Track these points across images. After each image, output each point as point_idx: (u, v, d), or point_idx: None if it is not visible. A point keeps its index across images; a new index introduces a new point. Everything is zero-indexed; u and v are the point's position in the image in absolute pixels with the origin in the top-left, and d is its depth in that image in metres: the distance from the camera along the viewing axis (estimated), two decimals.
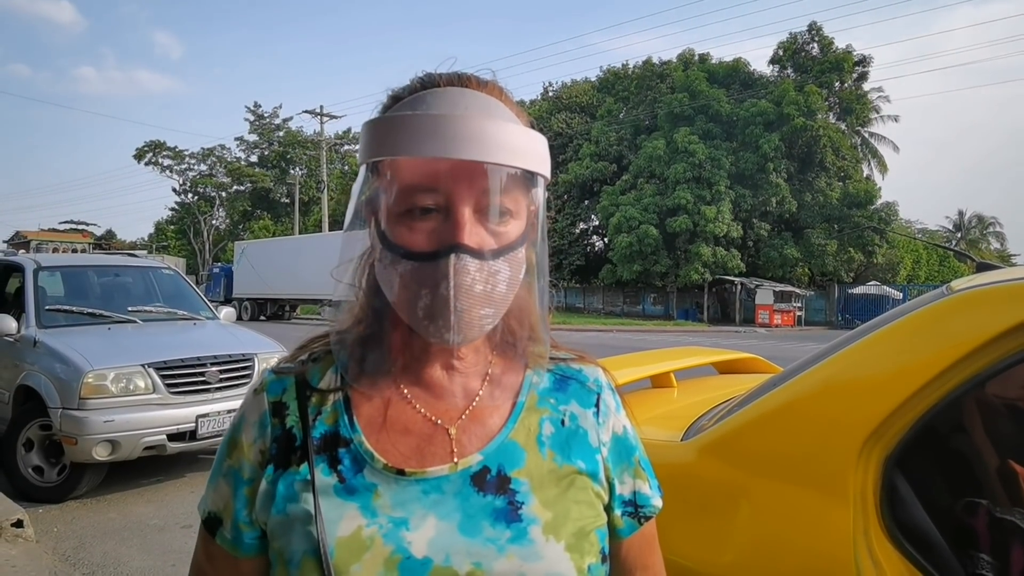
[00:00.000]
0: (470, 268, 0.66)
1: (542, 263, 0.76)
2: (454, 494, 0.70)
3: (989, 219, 50.99)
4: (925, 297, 1.35)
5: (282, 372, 0.78)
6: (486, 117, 0.67)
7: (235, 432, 0.77)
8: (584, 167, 36.00)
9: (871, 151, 36.59)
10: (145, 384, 4.99)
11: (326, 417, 0.74)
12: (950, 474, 1.30)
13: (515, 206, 0.70)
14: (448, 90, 0.71)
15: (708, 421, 1.55)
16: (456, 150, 0.64)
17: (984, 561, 1.11)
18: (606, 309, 38.09)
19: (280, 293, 27.23)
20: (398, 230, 0.69)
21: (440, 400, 0.75)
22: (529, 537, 0.69)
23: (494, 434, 0.74)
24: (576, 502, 0.73)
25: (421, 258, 0.67)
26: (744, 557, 1.26)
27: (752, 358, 2.65)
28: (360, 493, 0.70)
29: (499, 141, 0.66)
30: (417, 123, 0.66)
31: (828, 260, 31.58)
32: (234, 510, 0.75)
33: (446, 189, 0.67)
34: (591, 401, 0.81)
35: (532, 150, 0.69)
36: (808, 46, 34.70)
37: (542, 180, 0.73)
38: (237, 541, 0.75)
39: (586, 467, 0.76)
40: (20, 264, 6.16)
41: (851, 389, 1.27)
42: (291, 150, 47.88)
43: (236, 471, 0.75)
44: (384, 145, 0.68)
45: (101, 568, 3.85)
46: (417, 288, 0.67)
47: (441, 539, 0.68)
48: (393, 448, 0.72)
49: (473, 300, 0.67)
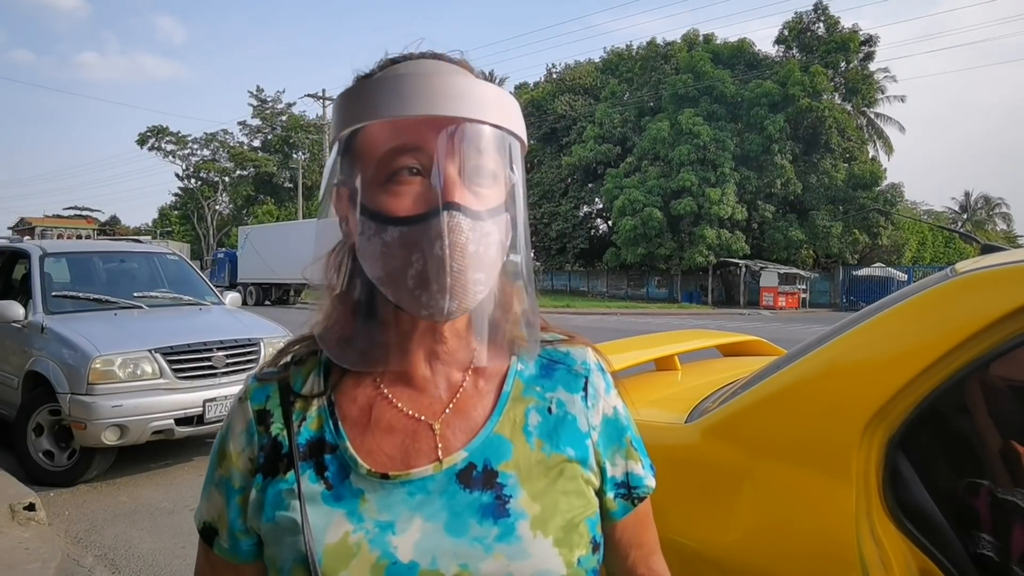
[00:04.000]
0: (463, 226, 0.64)
1: (524, 237, 0.73)
2: (440, 493, 0.69)
3: (996, 200, 50.69)
4: (930, 279, 1.35)
5: (265, 379, 0.77)
6: (461, 75, 0.67)
7: (223, 442, 0.76)
8: (588, 149, 35.82)
9: (877, 132, 36.32)
10: (152, 369, 5.02)
11: (311, 423, 0.73)
12: (952, 455, 1.31)
13: (496, 168, 0.69)
14: (422, 61, 0.71)
15: (712, 403, 1.55)
16: (434, 106, 0.63)
17: (985, 541, 1.12)
18: (610, 292, 38.06)
19: (284, 278, 27.22)
20: (381, 198, 0.66)
21: (423, 394, 0.74)
22: (516, 534, 0.68)
23: (479, 427, 0.73)
24: (565, 493, 0.72)
25: (411, 221, 0.65)
26: (748, 537, 1.27)
27: (756, 340, 2.65)
28: (347, 499, 0.69)
29: (477, 97, 0.65)
30: (397, 84, 0.65)
31: (833, 242, 31.45)
32: (229, 520, 0.75)
33: (430, 148, 0.65)
34: (579, 385, 0.78)
35: (509, 109, 0.68)
36: (814, 26, 34.32)
37: (519, 147, 0.71)
38: (235, 549, 0.75)
39: (576, 454, 0.74)
40: (26, 251, 6.17)
41: (855, 371, 1.27)
42: (294, 134, 47.73)
43: (227, 480, 0.75)
44: (363, 110, 0.66)
45: (112, 550, 3.90)
46: (407, 255, 0.65)
47: (427, 541, 0.67)
48: (378, 449, 0.71)
49: (468, 261, 0.64)
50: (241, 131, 51.42)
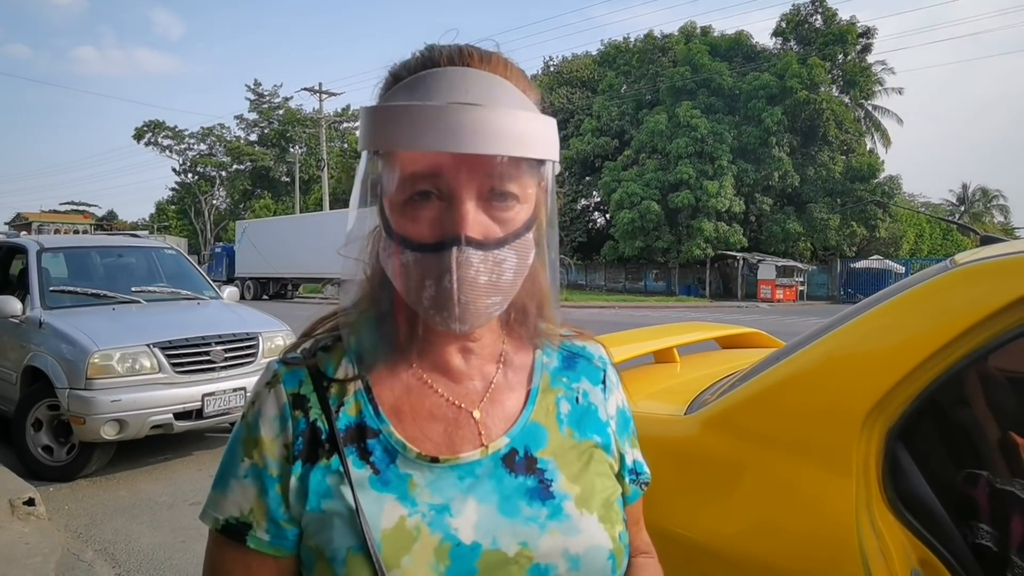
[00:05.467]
0: (473, 260, 0.64)
1: (552, 242, 0.74)
2: (488, 477, 0.71)
3: (993, 192, 50.61)
4: (929, 270, 1.35)
5: (293, 363, 0.76)
6: (488, 105, 0.64)
7: (251, 430, 0.73)
8: (586, 143, 35.76)
9: (874, 124, 36.26)
10: (151, 364, 5.02)
11: (349, 408, 0.73)
12: (952, 446, 1.31)
13: (521, 191, 0.68)
14: (448, 71, 0.67)
15: (711, 395, 1.56)
16: (456, 143, 0.61)
17: (984, 531, 1.12)
18: (608, 286, 38.06)
19: (282, 272, 27.23)
20: (401, 220, 0.67)
21: (459, 384, 0.75)
22: (565, 512, 0.71)
23: (515, 416, 0.75)
24: (598, 475, 0.76)
25: (424, 249, 0.65)
26: (747, 529, 1.27)
27: (754, 333, 2.65)
28: (395, 483, 0.69)
29: (502, 131, 0.62)
30: (415, 115, 0.62)
31: (831, 234, 31.46)
32: (269, 510, 0.71)
33: (447, 178, 0.65)
34: (599, 377, 0.84)
35: (538, 136, 0.66)
36: (811, 18, 34.22)
37: (551, 163, 0.71)
38: (279, 541, 0.71)
39: (601, 440, 0.79)
40: (23, 246, 6.15)
41: (854, 363, 1.27)
42: (291, 128, 47.57)
43: (261, 470, 0.71)
44: (383, 135, 0.65)
45: (112, 544, 3.91)
46: (421, 278, 0.66)
47: (485, 522, 0.68)
48: (422, 435, 0.72)
49: (478, 292, 0.65)
50: (238, 125, 51.06)
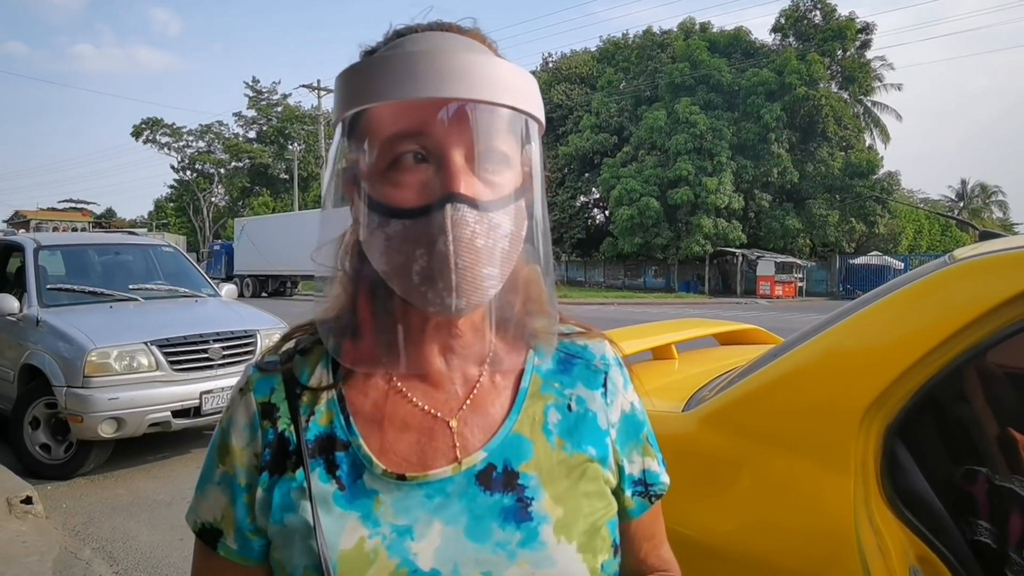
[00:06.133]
0: (468, 220, 0.59)
1: (542, 223, 0.68)
2: (459, 496, 0.66)
3: (992, 188, 50.70)
4: (928, 266, 1.35)
5: (267, 369, 0.72)
6: (471, 51, 0.61)
7: (224, 437, 0.71)
8: (584, 139, 35.74)
9: (873, 120, 36.29)
10: (148, 361, 5.01)
11: (320, 417, 0.68)
12: (950, 442, 1.30)
13: (509, 150, 0.64)
14: (427, 34, 0.65)
15: (709, 392, 1.55)
16: (441, 88, 0.58)
17: (983, 528, 1.12)
18: (607, 282, 38.07)
19: (281, 269, 27.20)
20: (384, 188, 0.62)
21: (438, 389, 0.70)
22: (540, 539, 0.65)
23: (497, 425, 0.69)
24: (587, 495, 0.69)
25: (412, 214, 0.60)
26: (745, 526, 1.27)
27: (753, 329, 2.65)
28: (360, 501, 0.65)
29: (488, 77, 0.59)
30: (396, 63, 0.59)
31: (829, 231, 31.48)
32: (236, 519, 0.69)
33: (433, 133, 0.60)
34: (598, 382, 0.75)
35: (523, 88, 0.62)
36: (810, 14, 34.21)
37: (536, 127, 0.66)
38: (246, 551, 0.70)
39: (596, 453, 0.71)
40: (20, 244, 6.14)
41: (852, 359, 1.27)
42: (289, 125, 47.51)
43: (231, 478, 0.69)
44: (362, 93, 0.61)
45: (110, 543, 3.90)
46: (411, 249, 0.60)
47: (448, 548, 0.64)
48: (392, 448, 0.67)
49: (475, 256, 0.60)
50: (236, 122, 51.03)
